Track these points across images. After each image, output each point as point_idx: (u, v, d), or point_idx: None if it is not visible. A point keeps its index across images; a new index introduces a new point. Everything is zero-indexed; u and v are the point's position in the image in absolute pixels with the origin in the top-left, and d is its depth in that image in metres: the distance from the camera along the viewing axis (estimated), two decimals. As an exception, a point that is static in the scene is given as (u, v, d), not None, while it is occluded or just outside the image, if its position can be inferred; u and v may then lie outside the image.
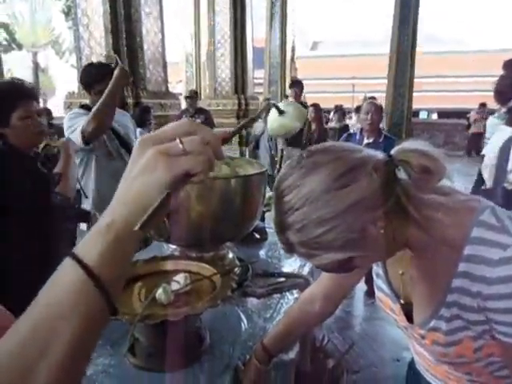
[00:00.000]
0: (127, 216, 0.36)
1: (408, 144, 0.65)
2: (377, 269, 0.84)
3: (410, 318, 0.76)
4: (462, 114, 12.78)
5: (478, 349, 0.66)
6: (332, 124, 5.45)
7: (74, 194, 1.67)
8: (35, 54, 13.14)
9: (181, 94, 9.22)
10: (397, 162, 0.63)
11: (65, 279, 0.35)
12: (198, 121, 4.93)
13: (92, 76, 2.16)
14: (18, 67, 15.00)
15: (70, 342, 0.33)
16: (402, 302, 0.77)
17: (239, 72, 7.75)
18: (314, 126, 4.62)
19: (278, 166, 4.29)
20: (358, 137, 2.97)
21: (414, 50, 10.89)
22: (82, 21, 4.50)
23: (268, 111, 0.51)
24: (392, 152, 0.64)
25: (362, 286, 3.00)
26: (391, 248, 0.67)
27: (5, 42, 12.36)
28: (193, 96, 5.26)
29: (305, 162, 0.63)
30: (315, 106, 4.69)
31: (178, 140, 0.37)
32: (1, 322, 0.60)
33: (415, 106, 11.42)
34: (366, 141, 2.86)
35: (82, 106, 2.28)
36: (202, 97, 9.61)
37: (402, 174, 0.63)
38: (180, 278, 1.00)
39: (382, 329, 2.27)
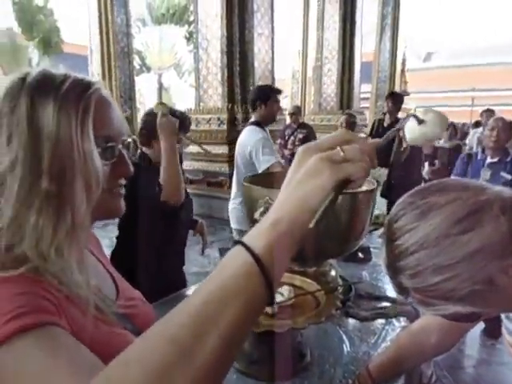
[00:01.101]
0: (293, 214, 0.39)
1: None
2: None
3: None
4: None
5: None
6: (441, 142, 4.83)
7: (179, 199, 1.64)
8: (160, 76, 14.90)
9: (285, 110, 9.48)
10: None
11: (233, 263, 0.38)
12: (300, 136, 4.99)
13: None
14: (145, 87, 17.15)
15: (233, 320, 0.36)
16: None
17: (345, 87, 7.67)
18: (404, 144, 4.27)
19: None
20: (479, 156, 2.67)
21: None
22: (202, 44, 4.96)
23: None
24: None
25: (479, 325, 2.66)
26: None
27: (137, 67, 14.28)
28: (296, 112, 5.38)
29: (419, 202, 0.58)
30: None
31: (338, 148, 0.40)
32: (146, 314, 0.69)
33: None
34: (489, 160, 2.57)
35: None
36: (307, 112, 9.71)
37: None
38: (284, 290, 1.01)
39: (501, 375, 1.96)
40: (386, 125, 4.22)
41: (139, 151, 1.75)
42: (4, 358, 0.40)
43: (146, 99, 17.95)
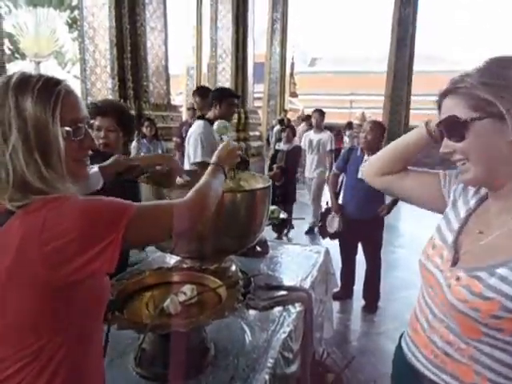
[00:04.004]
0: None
1: None
2: (451, 220, 0.87)
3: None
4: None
5: (497, 317, 0.68)
6: (281, 146, 4.79)
7: None
8: (38, 64, 13.25)
9: (181, 107, 9.30)
10: None
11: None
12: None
13: None
14: (19, 76, 15.06)
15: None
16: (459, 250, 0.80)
17: (239, 86, 7.86)
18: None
19: None
20: (358, 153, 3.01)
21: (411, 68, 11.10)
22: (88, 33, 4.58)
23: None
24: None
25: (360, 303, 3.01)
26: (493, 171, 0.73)
27: (8, 52, 12.46)
28: (194, 108, 5.35)
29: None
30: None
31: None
32: None
33: (411, 123, 11.58)
34: (366, 157, 2.91)
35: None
36: (202, 110, 9.66)
37: None
38: (187, 289, 1.02)
39: (380, 344, 2.27)
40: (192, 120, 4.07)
41: None
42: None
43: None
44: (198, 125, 2.76)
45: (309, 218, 4.98)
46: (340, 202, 3.17)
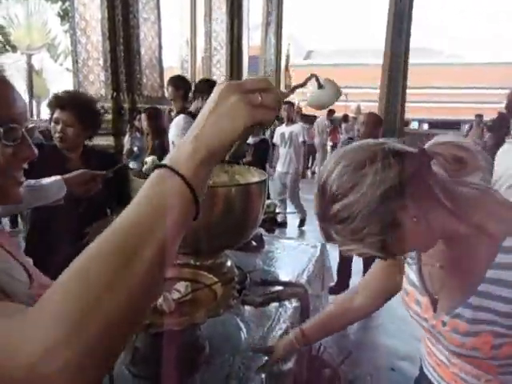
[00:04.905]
0: (210, 146, 0.43)
1: (441, 137, 0.67)
2: (411, 262, 0.85)
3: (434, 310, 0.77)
4: (452, 124, 12.93)
5: (498, 346, 0.66)
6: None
7: None
8: (29, 57, 13.06)
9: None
10: (430, 153, 0.65)
11: (162, 186, 0.42)
12: None
13: None
14: (12, 69, 14.89)
15: (162, 238, 0.39)
16: (432, 293, 0.78)
17: (235, 79, 7.79)
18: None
19: None
20: None
21: (406, 61, 11.05)
22: (80, 25, 4.49)
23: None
24: (425, 145, 0.67)
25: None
26: (427, 238, 0.68)
27: (-1, 45, 12.28)
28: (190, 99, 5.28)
29: (345, 160, 0.66)
30: None
31: (257, 94, 0.45)
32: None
33: (406, 115, 11.56)
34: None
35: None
36: (197, 103, 9.59)
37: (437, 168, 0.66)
38: (181, 286, 1.00)
39: (377, 338, 2.27)
40: (173, 115, 3.76)
41: None
42: None
43: (13, 83, 15.58)
44: (177, 122, 2.60)
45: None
46: None
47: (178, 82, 3.28)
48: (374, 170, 0.61)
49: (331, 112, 10.43)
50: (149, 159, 1.47)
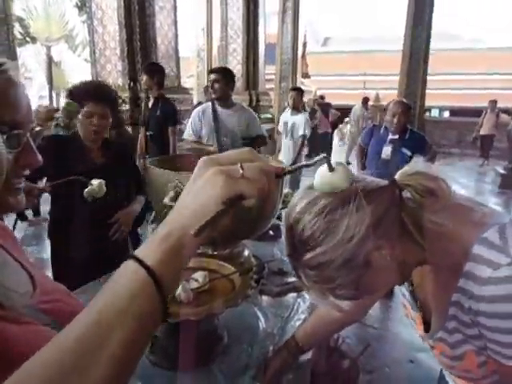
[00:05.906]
0: (186, 226, 0.39)
1: (409, 168, 0.65)
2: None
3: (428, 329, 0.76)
4: (474, 112, 12.54)
5: (482, 364, 0.65)
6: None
7: None
8: (49, 48, 13.25)
9: (192, 89, 9.20)
10: (401, 185, 0.63)
11: (126, 278, 0.37)
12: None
13: None
14: (32, 61, 15.14)
15: (125, 338, 0.35)
16: (420, 311, 0.77)
17: (251, 68, 7.72)
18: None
19: None
20: (382, 131, 2.90)
21: (427, 47, 10.72)
22: (97, 15, 4.50)
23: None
24: (396, 176, 0.65)
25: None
26: (405, 270, 0.67)
27: (19, 36, 12.45)
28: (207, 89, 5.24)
29: (314, 200, 0.62)
30: None
31: (238, 165, 0.41)
32: (71, 307, 0.62)
33: (427, 103, 11.27)
34: (390, 136, 2.81)
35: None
36: (213, 92, 9.56)
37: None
38: (199, 275, 0.99)
39: (396, 330, 2.23)
40: (151, 105, 3.63)
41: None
42: None
43: (33, 74, 15.87)
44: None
45: None
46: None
47: (152, 69, 3.25)
48: (347, 216, 0.58)
49: (366, 100, 10.25)
50: (95, 182, 1.43)
